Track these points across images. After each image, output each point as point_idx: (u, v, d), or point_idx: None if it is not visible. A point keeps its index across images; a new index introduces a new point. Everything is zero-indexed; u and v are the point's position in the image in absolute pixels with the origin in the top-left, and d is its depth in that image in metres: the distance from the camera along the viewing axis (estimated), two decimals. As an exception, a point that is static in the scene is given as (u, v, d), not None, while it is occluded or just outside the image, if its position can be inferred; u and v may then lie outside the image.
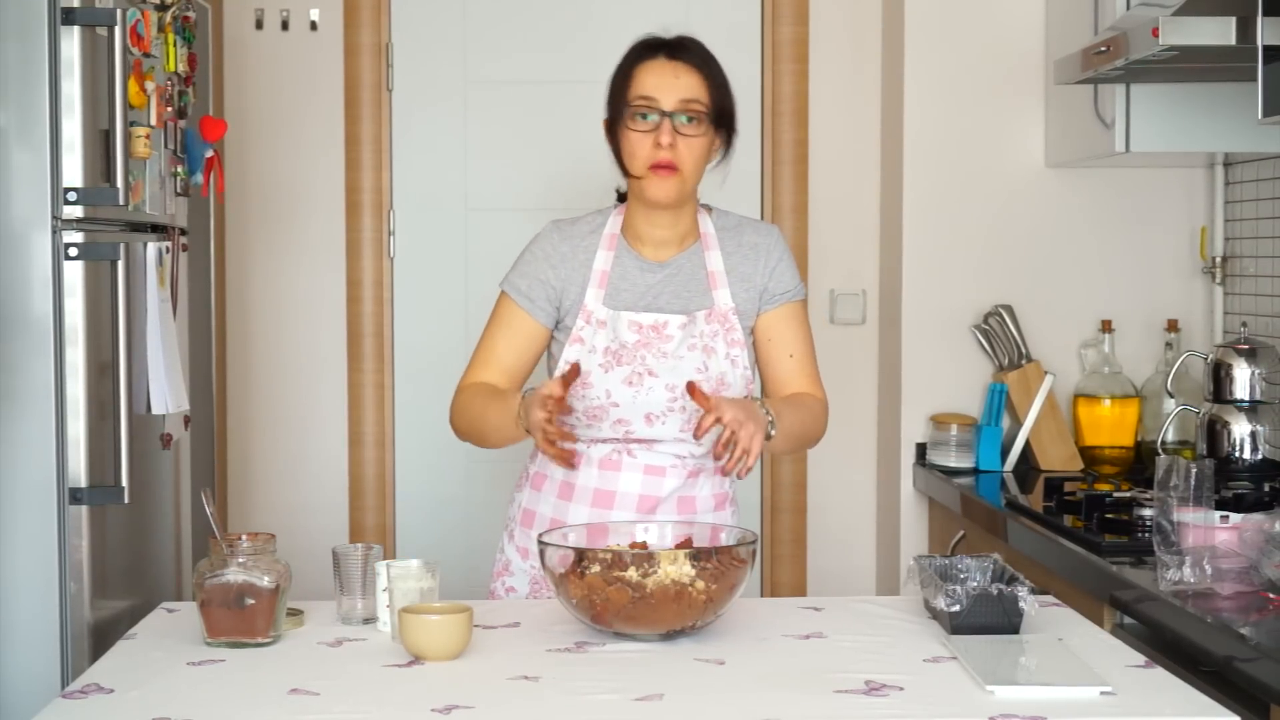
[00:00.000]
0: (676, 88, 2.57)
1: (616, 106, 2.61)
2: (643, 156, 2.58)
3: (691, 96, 2.57)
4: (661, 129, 2.56)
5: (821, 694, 2.05)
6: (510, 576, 2.77)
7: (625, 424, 2.62)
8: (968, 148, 4.00)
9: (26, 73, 2.75)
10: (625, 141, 2.60)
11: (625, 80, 2.61)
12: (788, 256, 2.73)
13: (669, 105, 2.56)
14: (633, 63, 2.62)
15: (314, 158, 4.26)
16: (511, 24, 4.27)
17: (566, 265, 2.67)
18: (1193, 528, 2.58)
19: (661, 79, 2.57)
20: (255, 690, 2.09)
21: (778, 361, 2.72)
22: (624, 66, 2.63)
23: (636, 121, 2.58)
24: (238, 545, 2.31)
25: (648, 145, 2.57)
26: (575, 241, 2.68)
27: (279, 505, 4.26)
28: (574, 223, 2.72)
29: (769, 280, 2.69)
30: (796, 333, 2.73)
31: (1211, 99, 3.41)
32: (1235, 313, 3.81)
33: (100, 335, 2.85)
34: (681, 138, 2.57)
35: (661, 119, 2.56)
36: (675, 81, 2.57)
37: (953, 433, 3.89)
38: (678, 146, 2.57)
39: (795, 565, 4.30)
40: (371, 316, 4.26)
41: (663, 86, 2.57)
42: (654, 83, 2.57)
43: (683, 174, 2.59)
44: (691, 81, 2.58)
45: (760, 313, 2.70)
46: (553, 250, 2.68)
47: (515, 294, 2.69)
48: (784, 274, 2.71)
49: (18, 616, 2.79)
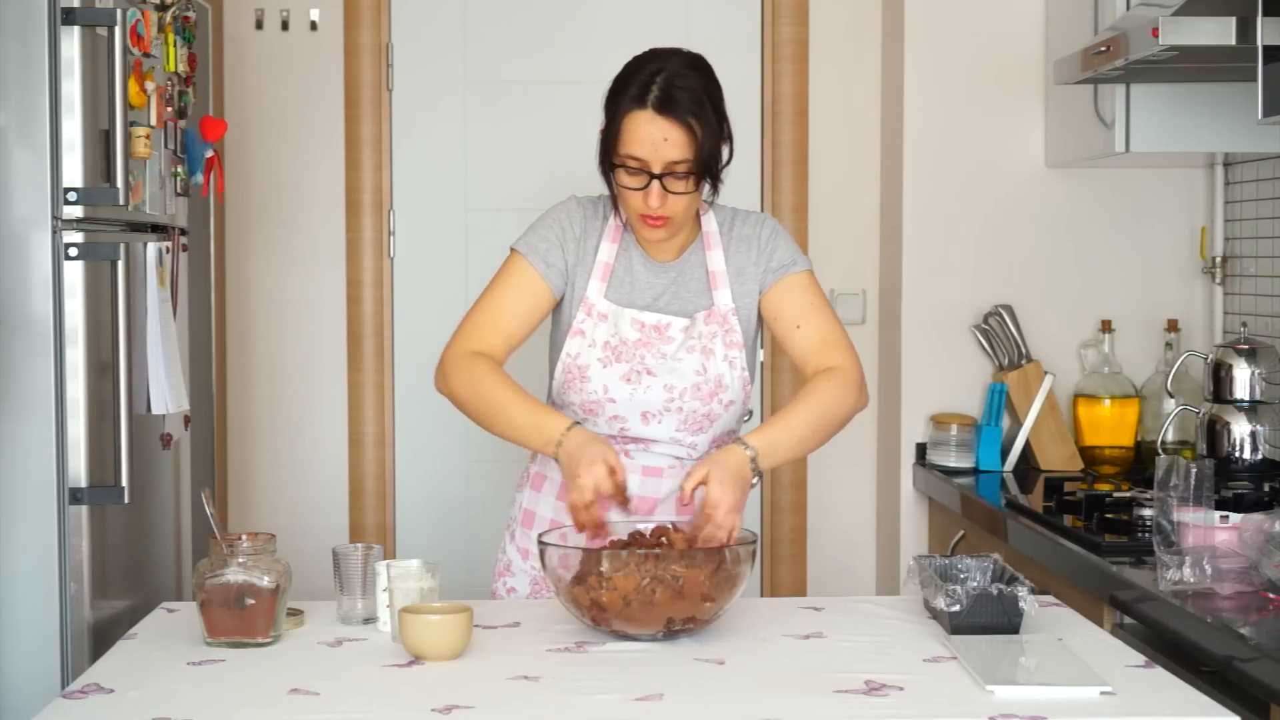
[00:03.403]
0: (664, 149, 2.50)
1: (606, 151, 2.57)
2: (634, 208, 2.56)
3: (678, 157, 2.51)
4: (651, 191, 2.52)
5: (821, 694, 2.05)
6: (511, 577, 2.76)
7: (621, 420, 2.61)
8: (968, 148, 4.00)
9: (26, 73, 2.75)
10: (617, 188, 2.58)
11: (615, 130, 2.54)
12: (781, 234, 2.68)
13: (657, 167, 2.51)
14: (623, 112, 2.53)
15: (314, 158, 4.26)
16: (511, 24, 4.27)
17: (580, 245, 2.65)
18: (1193, 528, 2.58)
19: (649, 140, 2.50)
20: (255, 690, 2.09)
21: (788, 337, 2.65)
22: (613, 111, 2.55)
23: (625, 176, 2.54)
24: (238, 545, 2.31)
25: (638, 199, 2.54)
26: (590, 224, 2.66)
27: (279, 505, 4.26)
28: (594, 203, 2.69)
29: (767, 261, 2.66)
30: (799, 302, 2.65)
31: (1211, 99, 3.40)
32: (1235, 313, 3.81)
33: (100, 335, 2.85)
34: (671, 194, 2.53)
35: (650, 180, 2.52)
36: (663, 144, 2.50)
37: (953, 433, 3.90)
38: (667, 201, 2.53)
39: (795, 565, 4.30)
40: (371, 316, 4.26)
41: (650, 148, 2.50)
42: (642, 144, 2.50)
43: (674, 220, 2.57)
44: (679, 140, 2.50)
45: (762, 295, 2.66)
46: (572, 226, 2.65)
47: (532, 255, 2.64)
48: (778, 250, 2.66)
49: (18, 616, 2.78)
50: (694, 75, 2.54)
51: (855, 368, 2.61)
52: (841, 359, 2.61)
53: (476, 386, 2.57)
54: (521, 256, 2.64)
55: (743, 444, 2.45)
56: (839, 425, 2.59)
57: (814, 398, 2.56)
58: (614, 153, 2.55)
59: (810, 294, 2.66)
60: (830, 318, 2.65)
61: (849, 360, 2.62)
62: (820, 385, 2.58)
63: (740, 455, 2.43)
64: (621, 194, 2.58)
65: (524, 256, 2.64)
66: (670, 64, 2.54)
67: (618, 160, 2.54)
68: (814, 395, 2.56)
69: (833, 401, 2.56)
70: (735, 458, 2.42)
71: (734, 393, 2.63)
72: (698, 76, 2.55)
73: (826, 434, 2.58)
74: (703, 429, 2.63)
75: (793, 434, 2.51)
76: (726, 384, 2.62)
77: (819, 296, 2.67)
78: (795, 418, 2.53)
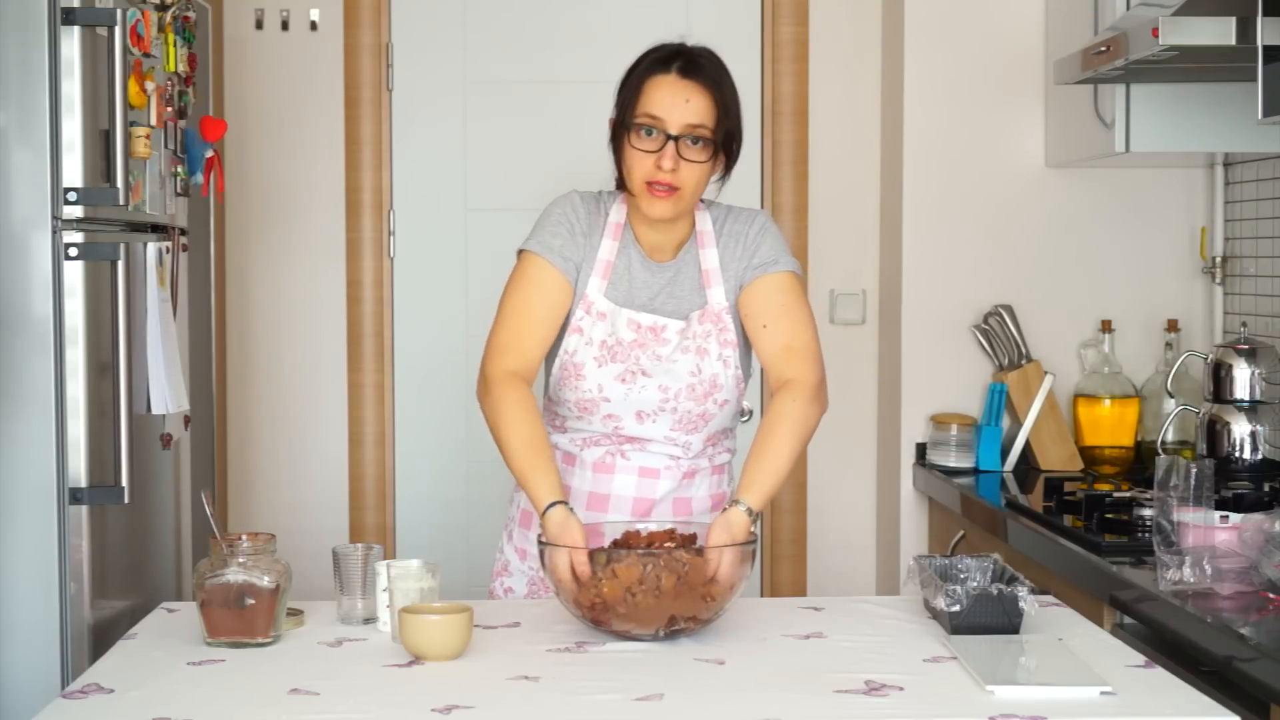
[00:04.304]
0: (685, 111, 2.50)
1: (622, 116, 2.56)
2: (642, 174, 2.53)
3: (699, 121, 2.51)
4: (665, 152, 2.50)
5: (821, 694, 2.05)
6: (509, 577, 2.76)
7: (615, 419, 2.61)
8: (968, 147, 4.00)
9: (26, 73, 2.75)
10: (626, 155, 2.55)
11: (634, 92, 2.54)
12: (769, 232, 2.65)
13: (675, 128, 2.50)
14: (644, 75, 2.54)
15: (314, 158, 4.26)
16: (511, 24, 4.27)
17: (585, 240, 2.63)
18: (1193, 528, 2.58)
19: (671, 99, 2.50)
20: (255, 690, 2.09)
21: (755, 335, 2.60)
22: (635, 76, 2.56)
23: (640, 138, 2.52)
24: (238, 545, 2.31)
25: (649, 164, 2.52)
26: (593, 219, 2.65)
27: (279, 505, 4.26)
28: (595, 199, 2.68)
29: (750, 258, 2.63)
30: (771, 302, 2.60)
31: (1211, 99, 3.40)
32: (1235, 313, 3.81)
33: (100, 335, 2.85)
34: (684, 161, 2.52)
35: (666, 141, 2.51)
36: (684, 104, 2.50)
37: (953, 433, 3.90)
38: (680, 169, 2.51)
39: (795, 565, 4.30)
40: (371, 316, 4.26)
41: (671, 107, 2.50)
42: (662, 102, 2.50)
43: (682, 194, 2.54)
44: (701, 104, 2.51)
45: (740, 290, 2.63)
46: (578, 219, 2.63)
47: (548, 253, 2.61)
48: (762, 247, 2.63)
49: (18, 616, 2.78)
50: (714, 57, 2.59)
51: (813, 376, 2.57)
52: (800, 370, 2.57)
53: (499, 418, 2.53)
54: (538, 256, 2.61)
55: (747, 510, 2.41)
56: (809, 440, 2.58)
57: (785, 427, 2.51)
58: (631, 113, 2.53)
59: (785, 295, 2.61)
60: (799, 321, 2.61)
61: (807, 370, 2.57)
62: (785, 409, 2.53)
63: (745, 522, 2.40)
64: (631, 160, 2.54)
65: (540, 255, 2.61)
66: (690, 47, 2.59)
67: (634, 119, 2.52)
68: (785, 424, 2.51)
69: (800, 425, 2.53)
70: (742, 526, 2.39)
71: (728, 392, 2.62)
72: (718, 60, 2.59)
73: (801, 452, 2.56)
74: (697, 429, 2.63)
75: (779, 472, 2.49)
76: (721, 384, 2.61)
77: (795, 299, 2.62)
78: (779, 459, 2.50)
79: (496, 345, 2.59)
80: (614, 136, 2.59)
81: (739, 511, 2.40)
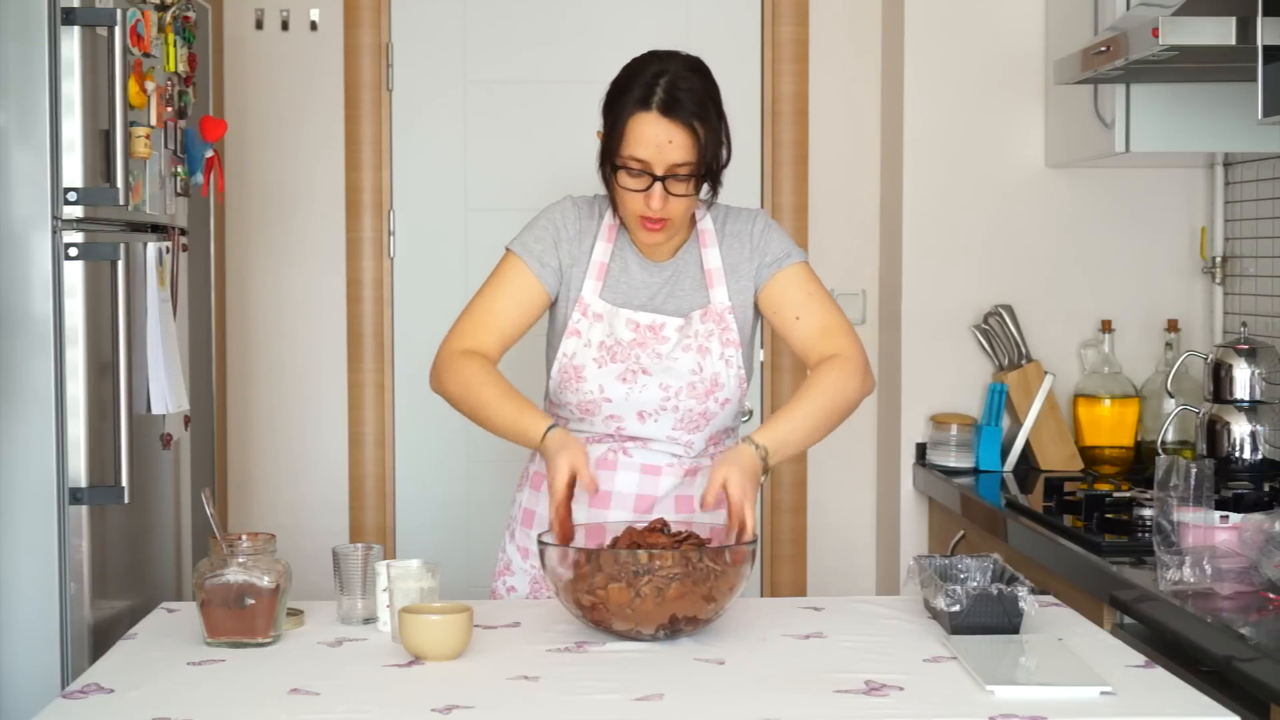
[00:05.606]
0: (669, 152, 2.51)
1: (607, 152, 2.57)
2: (633, 209, 2.56)
3: (682, 160, 2.51)
4: (653, 193, 2.52)
5: (821, 694, 2.05)
6: (511, 576, 2.77)
7: (617, 420, 2.62)
8: (968, 148, 4.00)
9: (26, 73, 2.75)
10: (616, 190, 2.57)
11: (618, 133, 2.54)
12: (773, 229, 2.68)
13: (660, 169, 2.51)
14: (627, 113, 2.53)
15: (314, 158, 4.26)
16: (511, 24, 4.27)
17: (575, 245, 2.65)
18: (1193, 528, 2.58)
19: (654, 141, 2.50)
20: (255, 690, 2.09)
21: (789, 330, 2.66)
22: (618, 111, 2.55)
23: (627, 178, 2.54)
24: (238, 545, 2.31)
25: (639, 201, 2.54)
26: (585, 224, 2.67)
27: (279, 505, 4.26)
28: (589, 203, 2.70)
29: (761, 257, 2.66)
30: (796, 293, 2.65)
31: (1211, 99, 3.41)
32: (1235, 313, 3.81)
33: (100, 335, 2.85)
34: (672, 196, 2.54)
35: (652, 182, 2.52)
36: (668, 145, 2.50)
37: (953, 433, 3.90)
38: (669, 203, 2.54)
39: (795, 565, 4.30)
40: (371, 316, 4.26)
41: (655, 150, 2.51)
42: (646, 146, 2.51)
43: (672, 223, 2.58)
44: (684, 144, 2.51)
45: (758, 291, 2.67)
46: (566, 225, 2.66)
47: (526, 255, 2.65)
48: (770, 244, 2.67)
49: (18, 616, 2.78)
50: (696, 78, 2.55)
51: (858, 352, 2.62)
52: (843, 345, 2.62)
53: (467, 386, 2.59)
54: (516, 256, 2.66)
55: (752, 443, 2.46)
56: (846, 412, 2.60)
57: (818, 387, 2.57)
58: (616, 154, 2.54)
59: (807, 284, 2.66)
60: (829, 305, 2.66)
61: (851, 345, 2.62)
62: (823, 374, 2.58)
63: (751, 454, 2.44)
64: (621, 196, 2.57)
65: (518, 256, 2.66)
66: (672, 66, 2.55)
67: (620, 162, 2.54)
68: (818, 385, 2.57)
69: (836, 389, 2.57)
70: (747, 457, 2.43)
71: (730, 391, 2.63)
72: (699, 79, 2.56)
73: (834, 422, 2.59)
74: (699, 427, 2.63)
75: (799, 427, 2.53)
76: (722, 382, 2.62)
77: (816, 286, 2.67)
78: (801, 410, 2.55)
79: (454, 331, 2.66)
80: (601, 164, 2.60)
81: (746, 446, 2.43)
